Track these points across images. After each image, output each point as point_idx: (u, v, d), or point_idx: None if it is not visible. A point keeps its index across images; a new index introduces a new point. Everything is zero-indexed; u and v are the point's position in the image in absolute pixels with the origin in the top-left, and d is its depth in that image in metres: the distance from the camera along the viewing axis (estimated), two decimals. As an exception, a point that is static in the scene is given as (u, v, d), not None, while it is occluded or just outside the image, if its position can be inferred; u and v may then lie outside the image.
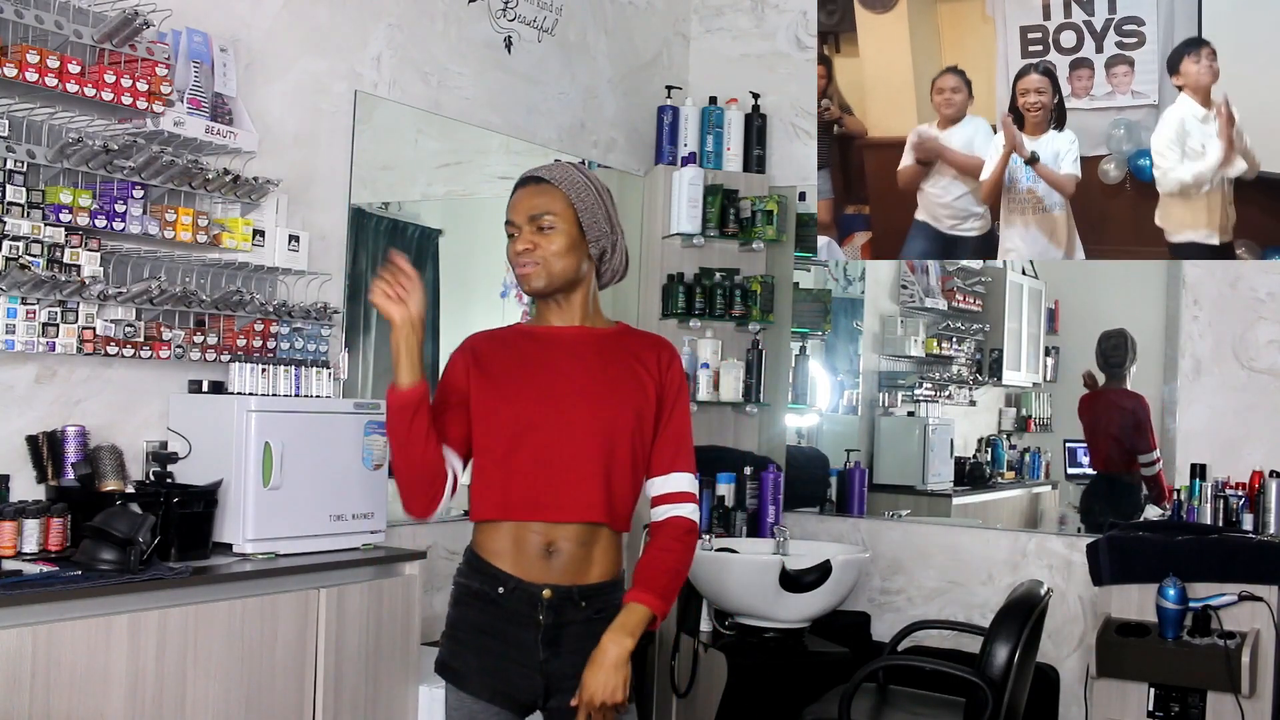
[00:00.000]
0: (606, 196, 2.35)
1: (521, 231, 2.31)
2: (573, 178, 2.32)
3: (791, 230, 4.84)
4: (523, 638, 2.28)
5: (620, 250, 2.39)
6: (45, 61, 2.64)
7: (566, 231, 2.29)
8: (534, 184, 2.32)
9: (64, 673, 2.37)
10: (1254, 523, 3.91)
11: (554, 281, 2.31)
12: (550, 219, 2.29)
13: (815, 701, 3.59)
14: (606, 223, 2.34)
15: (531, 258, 2.29)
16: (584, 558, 2.29)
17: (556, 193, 2.30)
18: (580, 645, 2.26)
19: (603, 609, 2.30)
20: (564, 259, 2.30)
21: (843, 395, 5.45)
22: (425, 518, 2.35)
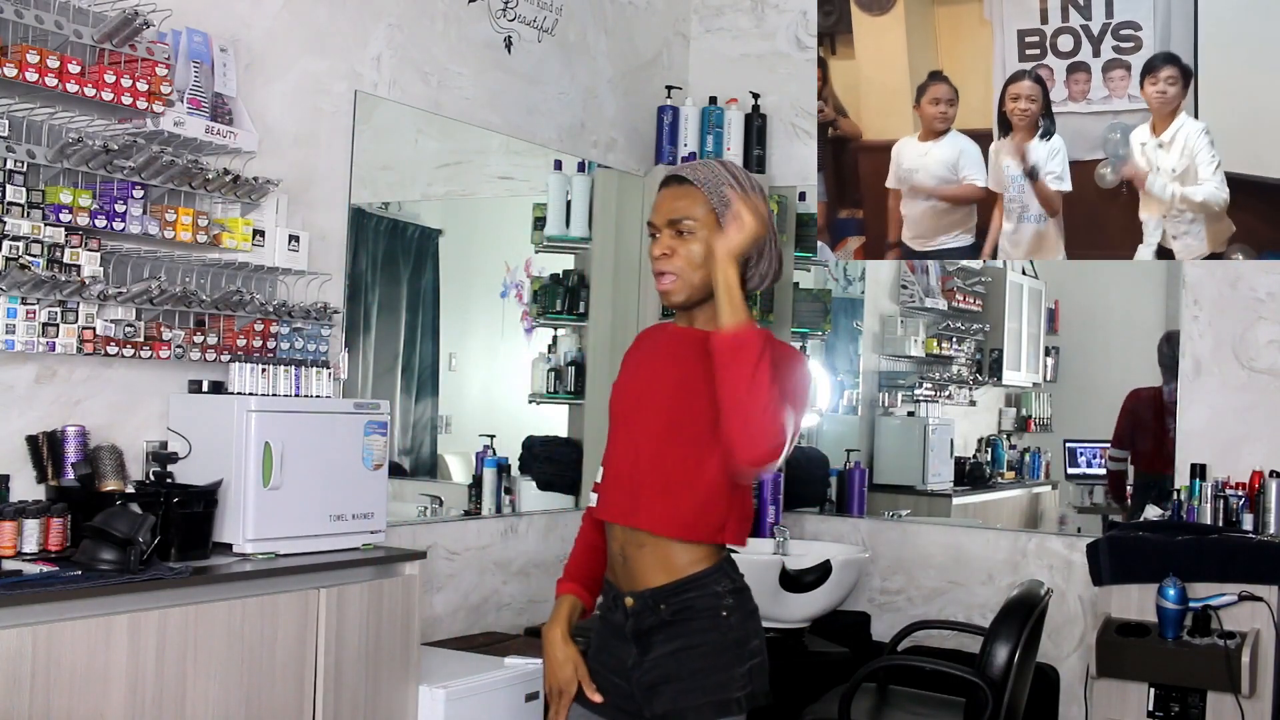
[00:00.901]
0: (755, 192, 2.23)
1: (661, 234, 2.23)
2: (717, 178, 2.21)
3: (791, 230, 4.83)
4: (617, 645, 2.27)
5: (771, 253, 2.25)
6: (45, 61, 2.64)
7: (706, 237, 2.19)
8: (676, 184, 2.24)
9: (64, 673, 2.37)
10: (1254, 523, 3.91)
11: (693, 293, 2.22)
12: (690, 223, 2.20)
13: (815, 701, 3.59)
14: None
15: (670, 265, 2.21)
16: (651, 560, 2.21)
17: (698, 194, 2.20)
18: (664, 650, 2.19)
19: (682, 609, 2.19)
20: (702, 267, 2.19)
21: (843, 395, 5.45)
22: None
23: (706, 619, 2.20)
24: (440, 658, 3.45)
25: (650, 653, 2.22)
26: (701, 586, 2.21)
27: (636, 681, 2.23)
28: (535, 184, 4.52)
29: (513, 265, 4.71)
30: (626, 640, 2.25)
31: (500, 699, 3.30)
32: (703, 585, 2.21)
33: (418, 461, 4.42)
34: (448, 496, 4.20)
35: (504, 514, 4.17)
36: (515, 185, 4.58)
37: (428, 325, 4.43)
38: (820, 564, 3.98)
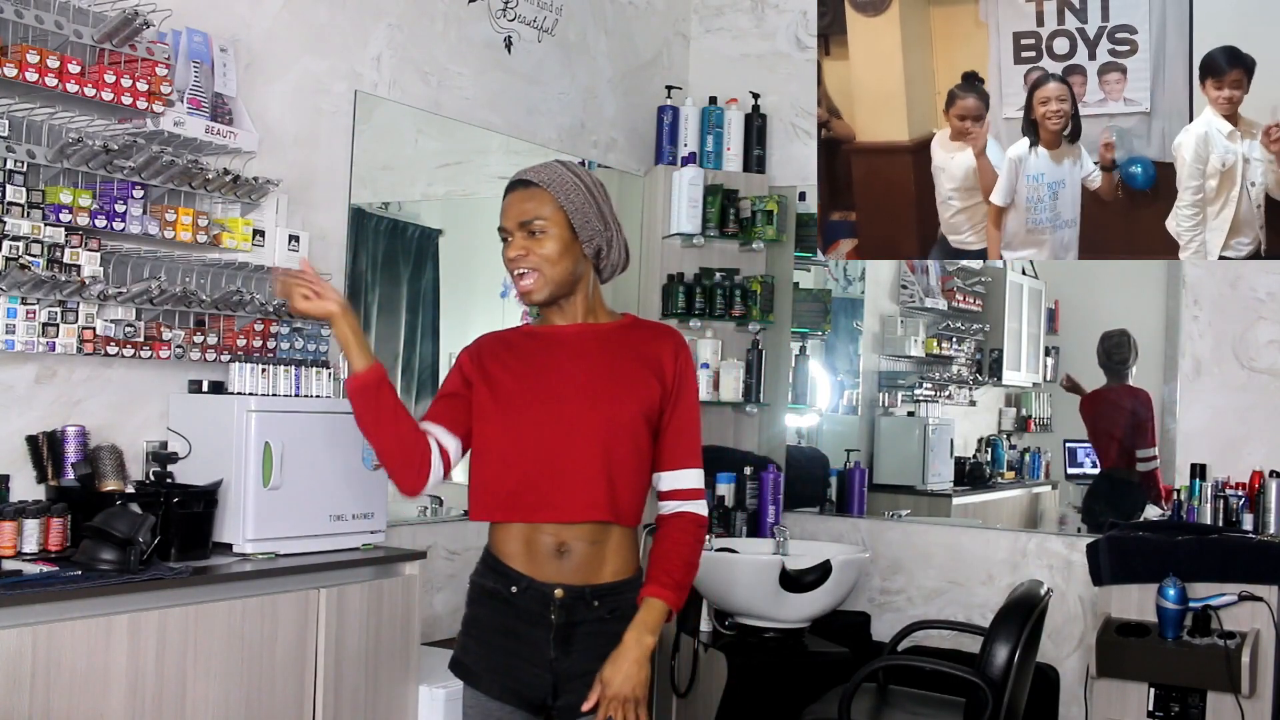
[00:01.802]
0: (598, 191, 2.32)
1: (514, 237, 2.30)
2: (561, 178, 2.29)
3: (791, 230, 4.84)
4: (535, 636, 2.29)
5: (618, 245, 2.36)
6: (45, 61, 2.64)
7: (558, 235, 2.28)
8: (522, 188, 2.31)
9: (64, 673, 2.37)
10: (1254, 523, 3.91)
11: (555, 290, 2.31)
12: (541, 223, 2.27)
13: (815, 701, 3.59)
14: (599, 220, 2.31)
15: (526, 264, 2.28)
16: (596, 556, 2.29)
17: (545, 195, 2.28)
18: (591, 644, 2.27)
19: (616, 608, 2.29)
20: (558, 264, 2.29)
21: (843, 395, 5.45)
22: (416, 494, 2.36)
23: (628, 619, 2.29)
24: (440, 658, 3.43)
25: (573, 644, 2.28)
26: (634, 589, 2.32)
27: (561, 671, 2.28)
28: (535, 184, 4.51)
29: (513, 265, 4.70)
30: (544, 630, 2.29)
31: (500, 699, 3.29)
32: (635, 588, 2.33)
33: (418, 461, 4.41)
34: (448, 496, 4.19)
35: (504, 514, 4.16)
36: (515, 185, 4.57)
37: (428, 325, 4.43)
38: (820, 564, 3.97)
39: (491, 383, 2.35)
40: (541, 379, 2.33)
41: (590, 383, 2.31)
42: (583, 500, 2.27)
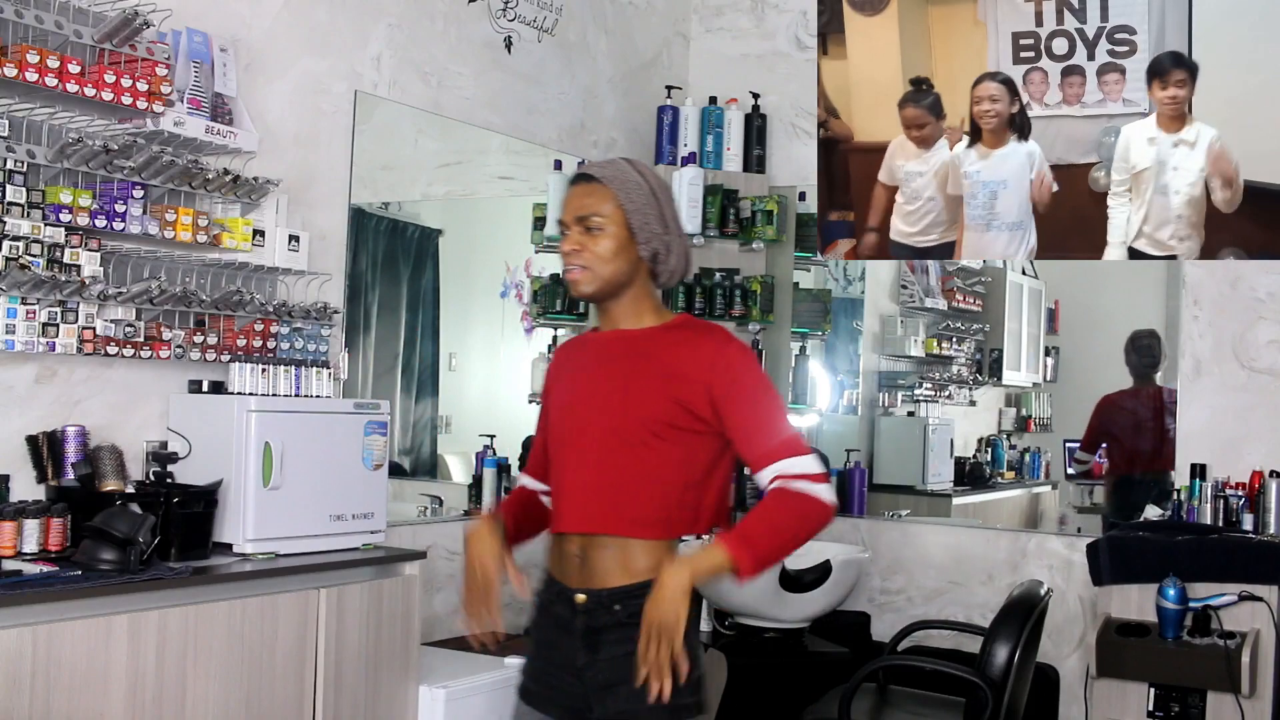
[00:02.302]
0: (662, 194, 2.27)
1: (570, 231, 2.26)
2: (624, 176, 2.25)
3: (791, 230, 4.83)
4: (567, 643, 2.27)
5: (678, 251, 2.29)
6: (45, 61, 2.64)
7: (615, 234, 2.23)
8: (584, 182, 2.27)
9: (64, 673, 2.37)
10: (1254, 523, 3.91)
11: (603, 287, 2.26)
12: (598, 220, 2.23)
13: (815, 701, 3.59)
14: (659, 223, 2.25)
15: (579, 260, 2.24)
16: (615, 561, 2.23)
17: (606, 192, 2.24)
18: (616, 651, 2.20)
19: (637, 612, 2.16)
20: (612, 262, 2.23)
21: (843, 395, 5.44)
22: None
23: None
24: (440, 658, 3.45)
25: (600, 652, 2.23)
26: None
27: (589, 681, 2.24)
28: (535, 184, 4.51)
29: (513, 265, 4.70)
30: (574, 637, 2.26)
31: (500, 699, 3.29)
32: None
33: (418, 461, 4.42)
34: (448, 496, 4.20)
35: (504, 514, 4.16)
36: (515, 185, 4.58)
37: (428, 325, 4.43)
38: (820, 564, 3.97)
39: (549, 391, 2.42)
40: (571, 388, 2.33)
41: (603, 392, 2.26)
42: (580, 513, 2.25)
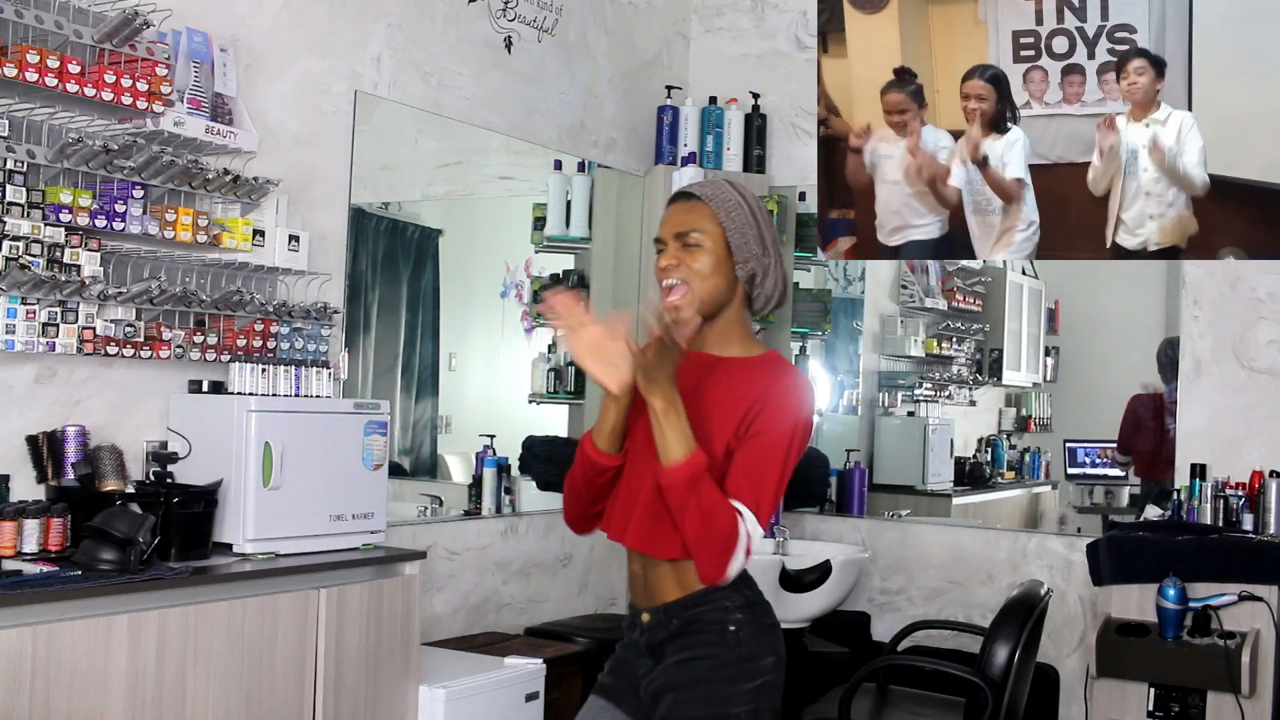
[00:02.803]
0: (762, 216, 2.25)
1: (668, 246, 2.23)
2: (724, 195, 2.23)
3: (791, 230, 4.83)
4: (637, 663, 2.28)
5: (775, 275, 2.25)
6: (45, 61, 2.64)
7: (713, 250, 2.20)
8: (684, 200, 2.25)
9: (64, 673, 2.37)
10: (1254, 523, 3.91)
11: (702, 307, 2.21)
12: (697, 235, 2.20)
13: (815, 701, 3.59)
14: (758, 244, 2.22)
15: (676, 274, 2.21)
16: (671, 579, 2.24)
17: (705, 209, 2.22)
18: (672, 660, 2.22)
19: (691, 621, 2.21)
20: (709, 279, 2.20)
21: (843, 395, 5.45)
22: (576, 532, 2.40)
23: (714, 633, 2.22)
24: (440, 658, 3.45)
25: (662, 663, 2.25)
26: (711, 601, 2.23)
27: (645, 689, 2.25)
28: (535, 184, 4.52)
29: (513, 265, 4.71)
30: (642, 653, 2.28)
31: (500, 699, 3.30)
32: (713, 600, 2.23)
33: (418, 461, 4.42)
34: (448, 496, 4.20)
35: (504, 514, 4.17)
36: (515, 185, 4.58)
37: (428, 325, 4.43)
38: (820, 564, 3.98)
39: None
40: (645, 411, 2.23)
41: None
42: (640, 535, 2.23)
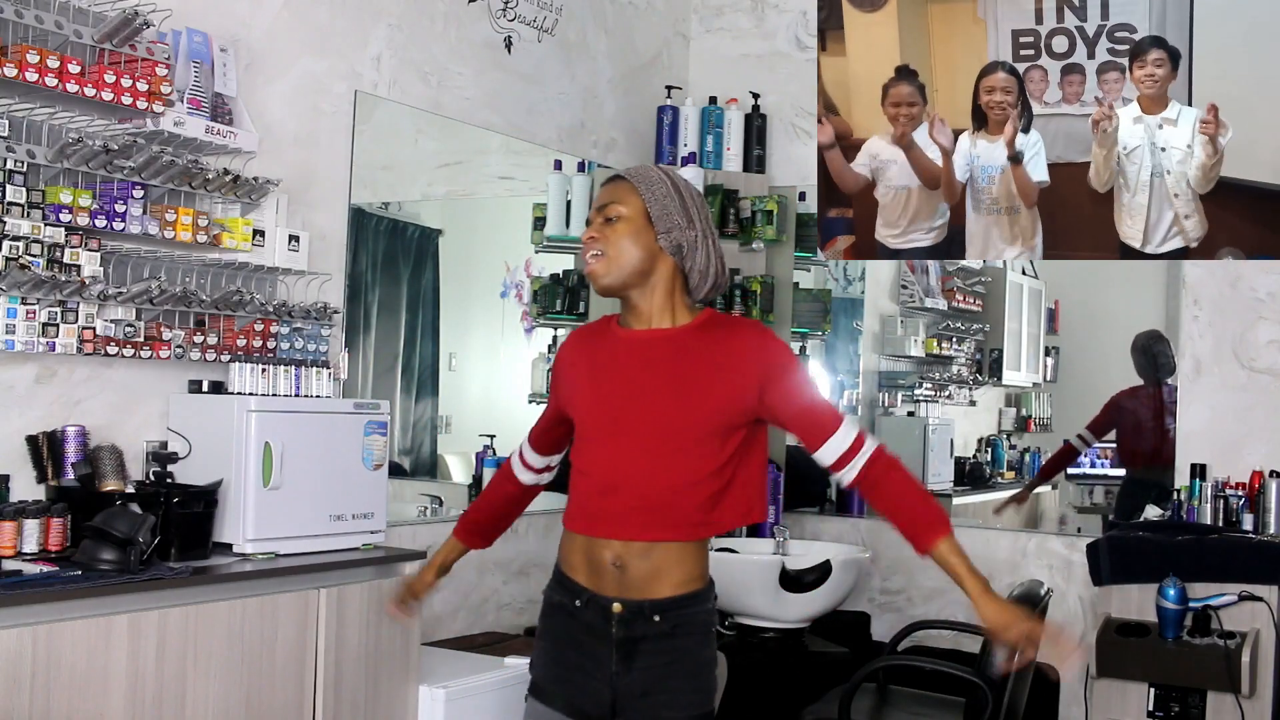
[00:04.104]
0: (688, 193, 2.30)
1: (592, 223, 2.31)
2: (647, 174, 2.31)
3: (791, 230, 4.83)
4: (598, 650, 2.27)
5: (706, 252, 2.29)
6: (45, 61, 2.64)
7: (632, 221, 2.27)
8: (610, 181, 2.34)
9: (64, 673, 2.37)
10: (1254, 523, 3.91)
11: (622, 277, 2.27)
12: (616, 208, 2.27)
13: (815, 701, 3.59)
14: (681, 216, 2.27)
15: (596, 245, 2.27)
16: (653, 571, 2.24)
17: (628, 186, 2.29)
18: (654, 661, 2.24)
19: (680, 623, 2.24)
20: (628, 250, 2.25)
21: (843, 395, 5.44)
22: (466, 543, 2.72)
23: (700, 634, 2.27)
24: (440, 658, 3.45)
25: (636, 661, 2.25)
26: (700, 603, 2.27)
27: (623, 689, 2.25)
28: (535, 184, 4.52)
29: (513, 265, 4.70)
30: (607, 644, 2.27)
31: (500, 699, 3.29)
32: (700, 601, 2.28)
33: (418, 461, 4.42)
34: (448, 496, 4.20)
35: (504, 514, 4.16)
36: (515, 185, 4.58)
37: (428, 325, 4.43)
38: (820, 564, 3.97)
39: (574, 385, 2.37)
40: (610, 386, 2.30)
41: (654, 393, 2.25)
42: (634, 520, 2.24)
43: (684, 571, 2.26)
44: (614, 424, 2.28)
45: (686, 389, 2.24)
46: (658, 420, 2.24)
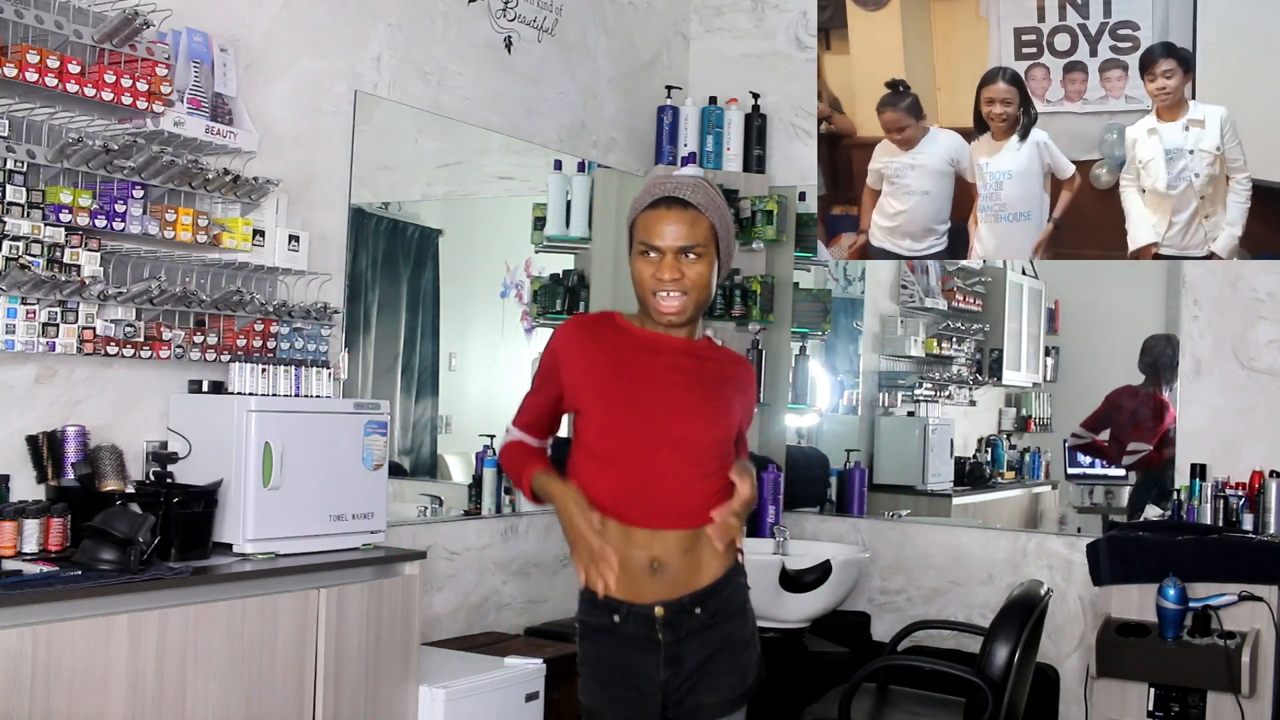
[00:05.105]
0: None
1: (665, 257, 2.25)
2: (716, 203, 2.29)
3: (791, 230, 4.83)
4: (644, 664, 2.26)
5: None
6: (45, 61, 2.64)
7: (710, 260, 2.27)
8: (682, 208, 2.26)
9: (64, 673, 2.37)
10: (1254, 523, 3.91)
11: (696, 312, 2.30)
12: (699, 249, 2.25)
13: (815, 701, 3.59)
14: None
15: (679, 287, 2.25)
16: (691, 565, 2.26)
17: (705, 222, 2.27)
18: (699, 655, 2.26)
19: (718, 610, 2.28)
20: (708, 288, 2.29)
21: (843, 395, 5.45)
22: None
23: (738, 614, 2.33)
24: (440, 658, 3.45)
25: (683, 662, 2.26)
26: (734, 581, 2.33)
27: (672, 693, 2.27)
28: (535, 184, 4.52)
29: (513, 265, 4.71)
30: (654, 653, 2.26)
31: (500, 699, 3.30)
32: (732, 579, 2.33)
33: (418, 461, 4.42)
34: (448, 496, 4.20)
35: (504, 514, 4.17)
36: (515, 185, 4.58)
37: (428, 325, 4.43)
38: (820, 564, 3.97)
39: (582, 368, 2.31)
40: (639, 385, 2.29)
41: (693, 398, 2.29)
42: (677, 511, 2.26)
43: (709, 559, 2.30)
44: (648, 421, 2.27)
45: (716, 399, 2.32)
46: (695, 426, 2.28)
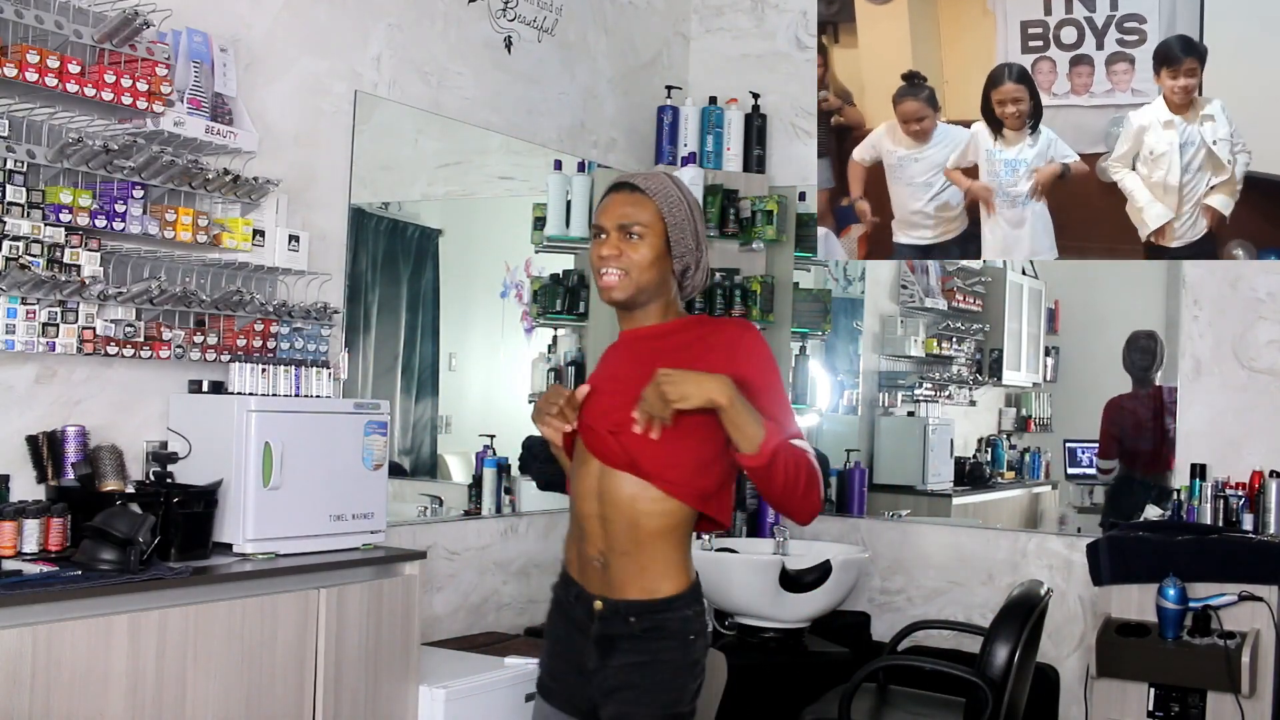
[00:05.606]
0: (697, 213, 2.34)
1: (609, 235, 2.29)
2: (667, 191, 2.30)
3: (791, 230, 4.83)
4: (581, 644, 2.30)
5: (703, 267, 2.36)
6: (45, 61, 2.64)
7: (653, 244, 2.28)
8: (628, 191, 2.31)
9: (64, 673, 2.37)
10: (1254, 523, 3.91)
11: (636, 295, 2.30)
12: (640, 229, 2.27)
13: (815, 701, 3.59)
14: (693, 239, 2.32)
15: (617, 264, 2.27)
16: (631, 570, 2.24)
17: (649, 204, 2.29)
18: (628, 660, 2.24)
19: (654, 626, 2.23)
20: (648, 271, 2.28)
21: (843, 395, 5.45)
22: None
23: (676, 640, 2.26)
24: (440, 658, 3.45)
25: (612, 659, 2.26)
26: (675, 610, 2.26)
27: (598, 684, 2.27)
28: (535, 184, 4.52)
29: (513, 265, 4.70)
30: (588, 640, 2.29)
31: (500, 699, 3.30)
32: (676, 609, 2.26)
33: (418, 461, 4.42)
34: (448, 496, 4.20)
35: (504, 514, 4.17)
36: (515, 185, 4.58)
37: (428, 325, 4.43)
38: (820, 564, 3.97)
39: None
40: (601, 384, 2.34)
41: (631, 389, 2.24)
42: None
43: (660, 572, 2.24)
44: (595, 417, 2.30)
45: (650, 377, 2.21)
46: (627, 413, 2.22)
